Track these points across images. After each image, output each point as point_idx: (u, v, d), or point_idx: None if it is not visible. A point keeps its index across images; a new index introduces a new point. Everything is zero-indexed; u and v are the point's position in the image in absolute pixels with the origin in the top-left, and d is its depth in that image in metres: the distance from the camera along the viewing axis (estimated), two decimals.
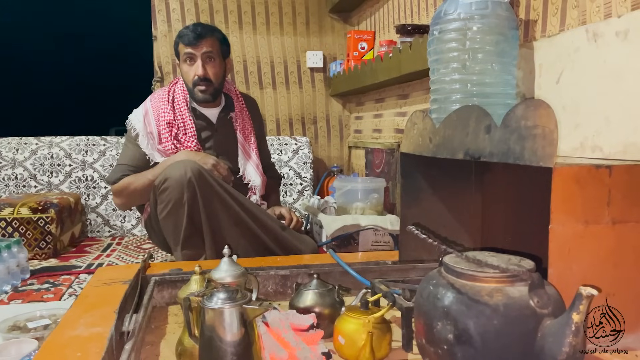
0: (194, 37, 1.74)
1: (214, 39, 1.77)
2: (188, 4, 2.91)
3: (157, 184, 1.62)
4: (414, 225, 0.98)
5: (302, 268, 1.33)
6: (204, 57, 1.75)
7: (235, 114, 1.89)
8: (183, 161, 1.61)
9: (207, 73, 1.76)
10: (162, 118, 1.78)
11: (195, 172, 1.56)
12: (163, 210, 1.60)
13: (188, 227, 1.58)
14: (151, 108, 1.81)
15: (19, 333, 1.21)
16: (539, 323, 0.69)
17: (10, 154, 2.62)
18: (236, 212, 1.62)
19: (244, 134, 1.89)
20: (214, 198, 1.59)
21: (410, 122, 1.26)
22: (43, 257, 2.16)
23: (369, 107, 2.79)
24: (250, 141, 1.91)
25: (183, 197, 1.55)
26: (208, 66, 1.76)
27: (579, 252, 0.82)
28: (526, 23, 1.33)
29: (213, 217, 1.59)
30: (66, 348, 0.88)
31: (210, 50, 1.75)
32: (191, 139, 1.79)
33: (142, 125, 1.78)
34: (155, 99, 1.83)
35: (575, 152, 1.11)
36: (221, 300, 0.82)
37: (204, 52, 1.75)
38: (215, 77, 1.78)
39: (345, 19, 3.10)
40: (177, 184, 1.55)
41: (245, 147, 1.89)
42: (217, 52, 1.78)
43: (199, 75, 1.75)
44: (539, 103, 0.83)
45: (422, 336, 0.79)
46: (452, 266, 0.77)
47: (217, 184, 1.61)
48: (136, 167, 1.77)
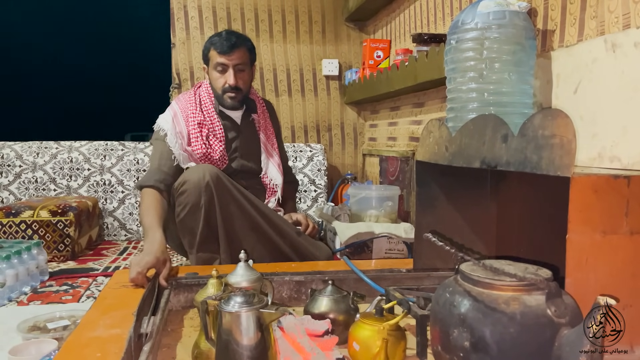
0: (228, 47, 1.75)
1: (245, 49, 1.79)
2: (206, 12, 2.95)
3: (175, 187, 1.64)
4: (430, 232, 0.99)
5: (316, 274, 1.33)
6: (236, 68, 1.77)
7: (258, 116, 1.92)
8: (201, 165, 1.63)
9: (238, 82, 1.78)
10: (192, 119, 1.80)
11: (214, 176, 1.58)
12: (180, 213, 1.62)
13: (204, 231, 1.60)
14: (179, 110, 1.82)
15: (39, 333, 1.23)
16: (556, 332, 0.69)
17: (31, 157, 2.67)
18: (253, 216, 1.64)
19: (266, 135, 1.92)
20: (231, 202, 1.61)
21: (426, 131, 1.27)
22: (61, 260, 2.20)
23: (384, 115, 2.79)
24: (272, 141, 1.95)
25: (200, 201, 1.57)
26: (239, 76, 1.79)
27: (596, 262, 0.82)
28: (544, 33, 1.33)
29: (229, 221, 1.61)
30: (86, 348, 0.89)
31: (242, 62, 1.78)
32: (219, 142, 1.81)
33: (171, 125, 1.78)
34: (183, 101, 1.85)
35: (593, 162, 1.11)
36: (238, 304, 0.83)
37: (236, 63, 1.77)
38: (245, 86, 1.82)
39: (361, 27, 3.11)
40: (195, 188, 1.57)
41: (268, 146, 1.93)
42: (247, 61, 1.81)
43: (231, 85, 1.77)
44: (557, 113, 0.83)
45: (438, 343, 0.79)
46: (468, 274, 0.78)
47: (235, 189, 1.62)
48: (167, 171, 1.72)
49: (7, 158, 2.65)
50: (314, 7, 3.06)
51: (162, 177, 1.69)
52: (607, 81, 1.08)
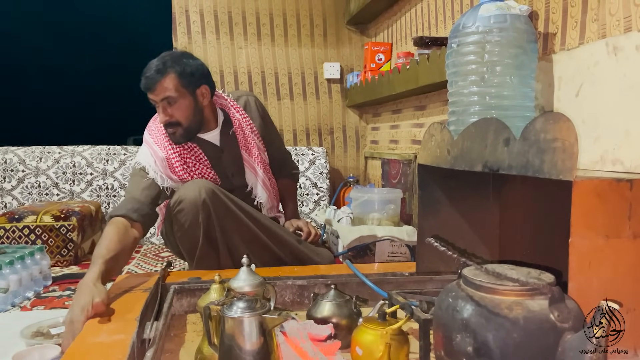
0: (146, 85, 1.61)
1: (172, 76, 1.60)
2: (208, 16, 2.96)
3: (172, 205, 1.58)
4: (432, 237, 0.99)
5: (319, 278, 1.33)
6: (162, 104, 1.62)
7: (235, 130, 1.76)
8: (196, 181, 1.59)
9: (172, 117, 1.63)
10: (169, 149, 1.70)
11: (210, 193, 1.54)
12: (179, 231, 1.59)
13: (204, 247, 1.58)
14: (154, 143, 1.72)
15: (42, 339, 1.23)
16: (559, 337, 0.69)
17: (34, 162, 2.68)
18: (251, 229, 1.61)
19: (246, 149, 1.78)
20: (229, 217, 1.58)
21: (428, 134, 1.27)
22: (64, 264, 2.20)
23: (386, 118, 2.80)
24: (253, 155, 1.79)
25: (199, 218, 1.54)
26: (170, 110, 1.62)
27: (599, 266, 0.81)
28: (545, 36, 1.33)
29: (228, 236, 1.59)
30: (89, 354, 0.90)
31: (168, 95, 1.60)
32: (204, 167, 1.73)
33: (150, 157, 1.69)
34: (155, 132, 1.74)
35: (596, 165, 1.10)
36: (241, 310, 0.83)
37: (161, 98, 1.60)
38: (183, 118, 1.64)
39: (363, 30, 3.12)
40: (191, 206, 1.53)
41: (250, 162, 1.79)
42: (178, 90, 1.61)
43: (162, 123, 1.65)
44: (559, 116, 0.83)
45: (441, 348, 0.79)
46: (471, 278, 0.78)
47: (232, 202, 1.59)
48: (144, 200, 1.63)
49: (10, 163, 2.66)
50: (316, 10, 3.07)
51: (136, 207, 1.59)
52: (609, 84, 1.08)
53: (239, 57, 3.01)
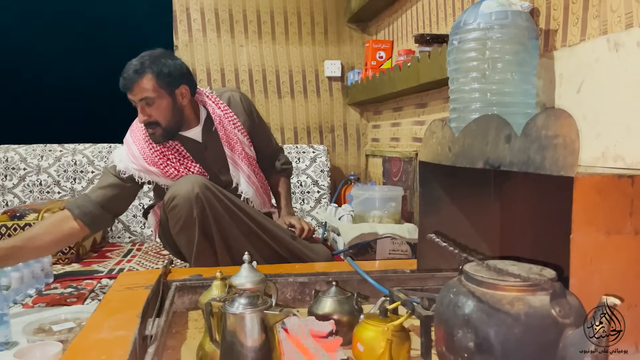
0: (124, 86, 1.61)
1: (149, 76, 1.60)
2: (209, 14, 2.96)
3: (165, 202, 1.59)
4: (434, 233, 0.99)
5: (320, 275, 1.34)
6: (141, 104, 1.63)
7: (216, 127, 1.76)
8: (188, 177, 1.59)
9: (151, 117, 1.64)
10: (147, 147, 1.71)
11: (202, 187, 1.54)
12: (175, 227, 1.59)
13: (201, 242, 1.58)
14: (132, 142, 1.73)
15: (44, 336, 1.24)
16: (561, 333, 0.69)
17: (35, 160, 2.68)
18: (246, 223, 1.61)
19: (229, 145, 1.77)
20: (223, 211, 1.58)
21: (429, 131, 1.27)
22: (66, 262, 2.21)
23: (387, 115, 2.79)
24: (237, 151, 1.78)
25: (193, 213, 1.54)
26: (149, 110, 1.63)
27: (600, 262, 0.81)
28: (546, 33, 1.33)
29: (224, 230, 1.59)
30: (91, 351, 0.90)
31: (145, 96, 1.61)
32: (188, 160, 1.73)
33: (124, 155, 1.71)
34: (135, 131, 1.76)
35: (597, 161, 1.10)
36: (242, 306, 0.83)
37: (140, 98, 1.61)
38: (162, 118, 1.65)
39: (364, 28, 3.12)
40: (185, 201, 1.53)
41: (234, 158, 1.79)
42: (156, 90, 1.61)
43: (141, 122, 1.66)
44: (560, 112, 0.83)
45: (442, 344, 0.79)
46: (472, 274, 0.78)
47: (225, 197, 1.59)
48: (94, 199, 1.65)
49: (12, 161, 2.66)
50: (316, 8, 3.07)
51: (81, 203, 1.62)
52: (610, 80, 1.08)
53: (240, 55, 3.00)
